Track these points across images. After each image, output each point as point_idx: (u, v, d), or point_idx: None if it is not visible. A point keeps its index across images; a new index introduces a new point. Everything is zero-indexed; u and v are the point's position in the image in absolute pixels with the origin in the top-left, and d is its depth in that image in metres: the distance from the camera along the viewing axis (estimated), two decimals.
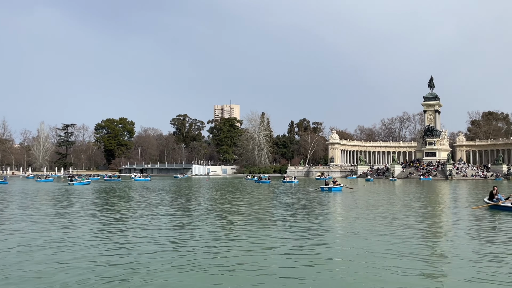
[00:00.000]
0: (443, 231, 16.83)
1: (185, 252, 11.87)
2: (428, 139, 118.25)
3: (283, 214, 22.03)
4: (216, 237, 14.63)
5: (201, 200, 32.08)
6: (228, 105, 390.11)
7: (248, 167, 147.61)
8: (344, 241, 13.90)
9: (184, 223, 18.29)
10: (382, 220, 19.37)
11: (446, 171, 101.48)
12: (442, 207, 26.97)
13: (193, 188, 50.60)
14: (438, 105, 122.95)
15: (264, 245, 12.87)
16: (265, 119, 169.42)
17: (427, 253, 11.91)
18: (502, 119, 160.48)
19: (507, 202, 24.10)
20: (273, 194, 40.11)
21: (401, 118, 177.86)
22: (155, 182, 74.92)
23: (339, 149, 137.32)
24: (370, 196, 38.01)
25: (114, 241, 13.66)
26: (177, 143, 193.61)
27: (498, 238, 14.54)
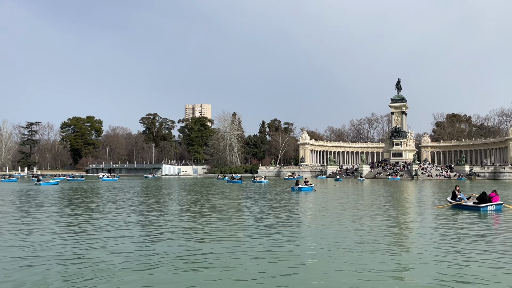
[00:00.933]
0: (409, 230, 17.32)
1: (153, 253, 11.70)
2: (395, 140, 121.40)
3: (251, 214, 22.07)
4: (184, 237, 14.48)
5: (170, 200, 31.68)
6: (199, 105, 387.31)
7: (219, 167, 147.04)
8: (312, 240, 14.08)
9: (152, 223, 18.01)
10: (351, 219, 19.73)
11: (412, 171, 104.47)
12: (408, 207, 27.75)
13: (163, 188, 49.91)
14: (405, 107, 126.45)
15: (232, 246, 12.86)
16: (236, 119, 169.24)
17: (393, 251, 12.22)
18: (465, 121, 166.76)
19: (469, 201, 25.08)
20: (243, 194, 40.12)
21: (369, 119, 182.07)
22: (123, 182, 73.40)
23: (310, 149, 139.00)
24: (339, 196, 38.63)
25: (80, 242, 13.31)
26: (146, 142, 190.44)
27: (460, 235, 15.11)
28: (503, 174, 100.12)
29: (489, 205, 23.31)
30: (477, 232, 16.00)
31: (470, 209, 23.58)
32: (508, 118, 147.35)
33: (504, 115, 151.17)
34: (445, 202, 27.21)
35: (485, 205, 23.20)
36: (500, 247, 13.00)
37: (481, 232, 16.06)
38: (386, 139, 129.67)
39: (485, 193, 24.54)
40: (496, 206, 23.59)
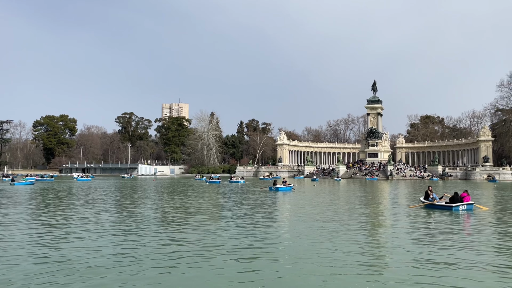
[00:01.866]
0: (383, 229, 17.51)
1: (127, 254, 11.38)
2: (370, 140, 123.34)
3: (227, 214, 21.90)
4: (160, 238, 14.19)
5: (146, 200, 31.12)
6: (176, 104, 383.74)
7: (197, 167, 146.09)
8: (287, 238, 14.04)
9: (127, 224, 17.60)
10: (326, 218, 19.80)
11: (387, 171, 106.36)
12: (382, 207, 28.11)
13: (138, 188, 49.10)
14: (380, 108, 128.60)
15: (208, 246, 12.67)
16: (214, 118, 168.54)
17: (367, 250, 12.29)
18: (438, 123, 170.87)
19: (441, 201, 25.61)
20: (219, 194, 39.85)
21: (346, 120, 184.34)
22: (98, 182, 71.83)
23: (287, 149, 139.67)
24: (317, 195, 38.85)
25: (52, 243, 12.85)
26: (122, 142, 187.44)
27: (433, 234, 15.36)
28: (474, 174, 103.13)
29: (461, 205, 23.85)
30: (448, 231, 16.31)
31: (442, 209, 24.07)
32: (479, 120, 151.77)
33: (476, 117, 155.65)
34: (418, 202, 27.70)
35: (456, 205, 23.73)
36: (470, 244, 13.27)
37: (453, 231, 16.38)
38: (362, 139, 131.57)
39: (457, 193, 25.10)
40: (468, 206, 24.16)
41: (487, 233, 16.21)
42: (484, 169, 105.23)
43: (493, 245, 13.50)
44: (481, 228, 17.51)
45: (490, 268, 10.28)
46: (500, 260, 11.21)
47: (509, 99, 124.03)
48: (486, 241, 14.16)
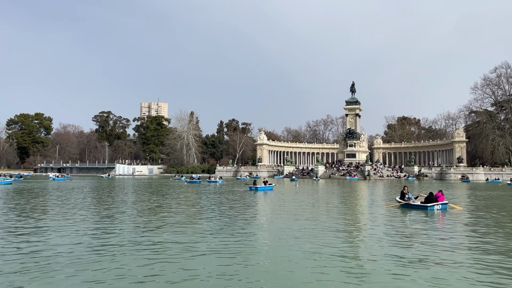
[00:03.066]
0: (360, 228, 17.76)
1: (105, 255, 11.20)
2: (349, 141, 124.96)
3: (207, 214, 21.81)
4: (138, 238, 14.00)
5: (124, 200, 30.66)
6: (155, 103, 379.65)
7: (176, 167, 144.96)
8: (265, 237, 14.09)
9: (104, 226, 17.30)
10: (305, 218, 19.95)
11: (365, 171, 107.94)
12: (360, 206, 28.53)
13: (116, 188, 48.34)
14: (358, 109, 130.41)
15: (186, 247, 12.59)
16: (194, 118, 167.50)
17: (345, 249, 12.44)
18: (414, 124, 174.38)
19: (416, 201, 26.16)
20: (197, 194, 39.63)
21: (325, 121, 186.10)
22: (75, 182, 70.30)
23: (267, 149, 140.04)
24: (296, 195, 39.07)
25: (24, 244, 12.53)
26: (99, 141, 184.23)
27: (408, 233, 15.68)
28: (449, 174, 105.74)
29: (436, 204, 24.41)
30: (424, 229, 16.67)
31: (418, 208, 24.57)
32: (454, 122, 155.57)
33: (450, 119, 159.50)
34: (395, 201, 28.20)
35: (431, 205, 24.26)
36: (445, 243, 13.60)
37: (428, 229, 16.75)
38: (341, 140, 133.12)
39: (432, 193, 25.67)
40: (442, 205, 24.75)
41: (460, 232, 16.64)
42: (458, 170, 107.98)
43: (467, 244, 13.87)
44: (455, 227, 17.96)
45: (464, 266, 10.56)
46: (472, 258, 11.53)
47: (482, 101, 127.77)
48: (460, 240, 14.54)
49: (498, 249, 12.88)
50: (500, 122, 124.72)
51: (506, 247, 13.31)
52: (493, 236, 15.44)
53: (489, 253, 12.26)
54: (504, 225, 18.97)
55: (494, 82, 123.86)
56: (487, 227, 17.83)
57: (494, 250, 12.80)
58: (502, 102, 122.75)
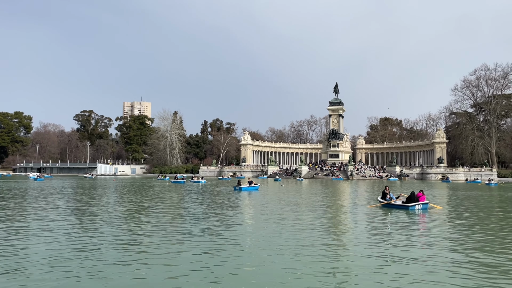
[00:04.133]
0: (343, 228, 17.91)
1: (85, 258, 11.00)
2: (332, 141, 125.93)
3: (189, 215, 21.68)
4: (120, 239, 13.82)
5: (105, 200, 30.22)
6: (138, 102, 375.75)
7: (159, 167, 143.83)
8: (249, 236, 14.08)
9: (84, 227, 17.01)
10: (289, 217, 20.00)
11: (347, 171, 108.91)
12: (343, 206, 28.76)
13: (97, 189, 47.60)
14: (342, 110, 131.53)
15: (169, 243, 12.49)
16: (177, 118, 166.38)
17: (328, 248, 12.52)
18: (396, 125, 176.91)
19: (397, 200, 26.50)
20: (178, 194, 39.36)
21: (308, 121, 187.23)
22: (55, 182, 68.95)
23: (251, 149, 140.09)
24: (281, 195, 39.15)
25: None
26: (81, 140, 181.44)
27: (390, 232, 15.87)
28: (430, 174, 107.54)
29: (417, 204, 24.78)
30: (405, 229, 16.90)
31: (399, 208, 24.90)
32: (435, 123, 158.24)
33: (431, 120, 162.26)
34: (377, 201, 28.49)
35: (413, 204, 24.62)
36: (424, 240, 13.83)
37: (409, 229, 16.99)
38: (324, 140, 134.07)
39: (414, 193, 26.05)
40: (423, 205, 25.15)
41: (440, 231, 16.93)
42: (438, 170, 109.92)
43: (446, 242, 14.11)
44: (435, 226, 18.27)
45: (444, 264, 10.74)
46: (451, 255, 11.75)
47: (462, 103, 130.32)
48: (439, 238, 14.78)
49: (477, 247, 13.16)
50: (479, 123, 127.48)
51: (484, 244, 13.61)
52: (471, 235, 15.77)
53: (468, 251, 12.52)
54: (483, 224, 19.37)
55: (473, 84, 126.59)
56: (465, 226, 18.19)
57: (472, 247, 13.07)
58: (481, 103, 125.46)
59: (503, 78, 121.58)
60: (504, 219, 21.45)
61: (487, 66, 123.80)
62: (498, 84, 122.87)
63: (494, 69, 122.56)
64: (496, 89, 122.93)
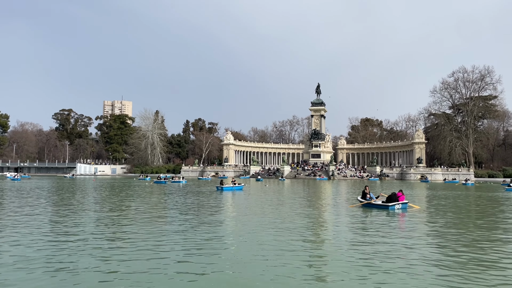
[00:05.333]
0: (324, 227, 18.06)
1: (62, 261, 10.79)
2: (314, 141, 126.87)
3: (167, 215, 21.51)
4: (101, 240, 13.61)
5: (84, 200, 29.71)
6: (119, 101, 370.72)
7: (140, 167, 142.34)
8: (230, 236, 14.05)
9: (61, 229, 16.68)
10: (270, 217, 20.05)
11: (329, 171, 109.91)
12: (324, 206, 28.99)
13: (77, 189, 46.72)
14: (323, 110, 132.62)
15: (150, 243, 12.36)
16: (159, 117, 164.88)
17: (310, 248, 12.60)
18: (377, 125, 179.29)
19: (377, 200, 26.87)
20: (157, 195, 39.02)
21: (291, 122, 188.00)
22: (33, 182, 67.41)
23: (234, 149, 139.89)
24: (264, 196, 39.21)
25: None
26: (60, 140, 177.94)
27: (371, 231, 16.08)
28: (409, 174, 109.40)
29: (396, 204, 25.18)
30: (385, 228, 17.15)
31: (379, 208, 25.25)
32: (414, 124, 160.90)
33: (411, 121, 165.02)
34: (357, 201, 28.82)
35: (392, 204, 25.01)
36: (403, 240, 14.06)
37: (388, 228, 17.25)
38: (306, 140, 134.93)
39: (394, 193, 26.47)
40: (402, 205, 25.57)
41: (419, 229, 17.24)
42: (418, 170, 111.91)
43: (423, 240, 14.38)
44: (413, 226, 18.58)
45: (422, 262, 10.95)
46: (430, 253, 12.00)
47: (441, 104, 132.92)
48: (418, 237, 15.04)
49: (453, 244, 13.45)
50: (457, 125, 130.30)
51: (460, 242, 13.92)
52: (448, 233, 16.12)
53: (445, 248, 12.79)
54: (459, 223, 19.81)
55: (452, 86, 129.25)
56: (443, 225, 18.57)
57: (449, 245, 13.36)
58: (459, 105, 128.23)
59: (480, 80, 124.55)
60: (479, 218, 21.97)
61: (465, 69, 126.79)
62: (475, 86, 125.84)
63: (472, 72, 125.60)
64: (473, 91, 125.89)
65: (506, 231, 17.36)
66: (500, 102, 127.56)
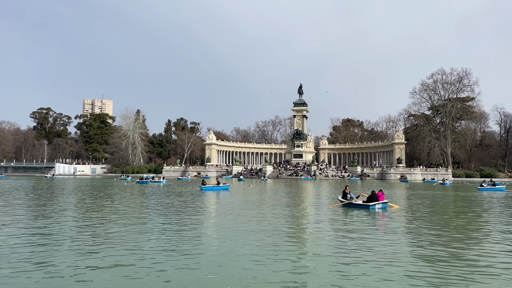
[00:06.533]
0: (305, 227, 18.17)
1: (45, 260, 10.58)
2: (296, 142, 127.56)
3: (148, 216, 21.33)
4: (81, 241, 13.38)
5: (63, 201, 29.17)
6: (99, 100, 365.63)
7: (121, 167, 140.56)
8: (213, 243, 14.02)
9: (39, 231, 16.35)
10: (252, 218, 20.07)
11: (311, 171, 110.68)
12: (306, 206, 29.17)
13: (56, 189, 45.80)
14: (305, 110, 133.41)
15: (131, 243, 12.23)
16: (140, 116, 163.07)
17: (292, 247, 12.67)
18: (358, 126, 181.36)
19: (358, 200, 27.18)
20: (138, 195, 38.64)
21: (273, 122, 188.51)
22: (10, 182, 65.73)
23: (216, 149, 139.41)
24: (246, 196, 39.20)
25: None
26: (38, 139, 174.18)
27: (351, 230, 16.26)
28: (389, 174, 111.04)
29: (377, 203, 25.53)
30: (366, 227, 17.38)
31: (360, 207, 25.56)
32: (394, 124, 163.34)
33: (391, 122, 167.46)
34: (338, 201, 29.08)
35: (373, 204, 25.35)
36: (383, 238, 14.28)
37: (369, 227, 17.49)
38: (288, 141, 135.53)
39: (374, 192, 26.82)
40: (383, 204, 25.95)
41: (398, 229, 17.52)
42: (397, 170, 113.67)
43: (404, 240, 14.64)
44: (393, 225, 18.87)
45: (401, 260, 11.15)
46: (409, 251, 12.23)
47: (420, 105, 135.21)
48: (398, 236, 15.30)
49: (431, 242, 13.73)
50: (436, 125, 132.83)
51: (438, 239, 14.23)
52: (426, 231, 16.46)
53: (423, 246, 13.04)
54: (436, 221, 20.21)
55: (431, 88, 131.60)
56: (420, 223, 18.92)
57: (427, 243, 13.63)
58: (438, 106, 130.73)
59: (458, 82, 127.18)
60: (455, 217, 22.46)
61: (443, 70, 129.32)
62: (453, 87, 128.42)
63: (450, 73, 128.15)
64: (451, 93, 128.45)
65: (479, 229, 17.88)
66: (477, 104, 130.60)
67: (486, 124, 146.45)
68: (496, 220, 21.01)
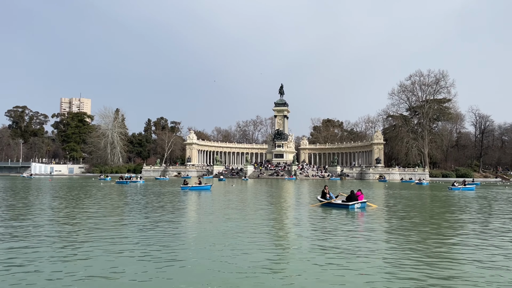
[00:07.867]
0: (285, 226, 18.32)
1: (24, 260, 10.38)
2: (277, 141, 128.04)
3: (127, 216, 21.12)
4: (61, 242, 13.17)
5: (38, 202, 28.58)
6: (77, 99, 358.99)
7: (99, 166, 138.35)
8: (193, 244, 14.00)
9: (16, 234, 16.01)
10: (233, 217, 20.11)
11: (291, 171, 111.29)
12: (286, 205, 29.34)
13: (32, 190, 44.77)
14: (286, 111, 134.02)
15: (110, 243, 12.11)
16: (119, 115, 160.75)
17: (272, 247, 12.77)
18: (338, 126, 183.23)
19: (337, 199, 27.51)
20: (120, 195, 38.18)
21: (254, 122, 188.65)
22: None
23: (197, 149, 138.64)
24: (227, 196, 39.16)
25: None
26: (13, 138, 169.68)
27: (330, 230, 16.47)
28: (368, 174, 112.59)
29: (356, 203, 25.89)
30: (345, 226, 17.64)
31: (340, 207, 25.87)
32: (373, 125, 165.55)
33: (370, 122, 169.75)
34: (317, 201, 29.35)
35: (352, 203, 25.69)
36: (362, 237, 14.54)
37: (348, 226, 17.75)
38: (270, 140, 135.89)
39: (353, 192, 27.18)
40: (361, 204, 26.33)
41: (376, 228, 17.85)
42: (376, 170, 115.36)
43: (382, 238, 14.93)
44: (371, 224, 19.21)
45: (379, 257, 11.38)
46: (388, 248, 12.50)
47: (398, 106, 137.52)
48: (376, 235, 15.60)
49: (408, 240, 14.06)
50: (414, 126, 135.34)
51: (415, 238, 14.57)
52: (403, 229, 16.84)
53: (401, 244, 13.34)
54: (413, 220, 20.66)
55: (409, 89, 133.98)
56: (397, 222, 19.33)
57: (404, 240, 13.95)
58: (416, 107, 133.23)
59: (435, 83, 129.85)
60: (431, 216, 23.00)
61: (421, 72, 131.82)
62: (430, 89, 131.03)
63: (428, 75, 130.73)
64: (429, 94, 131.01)
65: (451, 226, 18.36)
66: (453, 105, 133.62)
67: (462, 125, 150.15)
68: (467, 218, 21.62)
